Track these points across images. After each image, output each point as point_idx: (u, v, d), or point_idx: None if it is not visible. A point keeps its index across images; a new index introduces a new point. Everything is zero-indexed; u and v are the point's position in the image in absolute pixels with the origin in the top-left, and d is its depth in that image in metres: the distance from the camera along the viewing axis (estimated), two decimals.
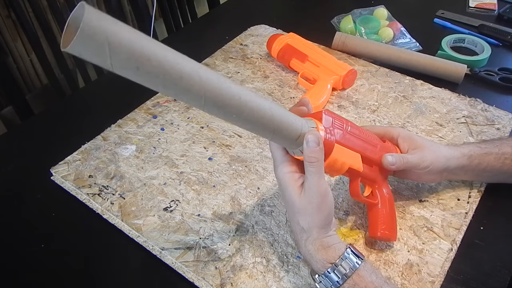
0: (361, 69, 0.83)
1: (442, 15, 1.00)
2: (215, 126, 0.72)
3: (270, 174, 0.64)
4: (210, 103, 0.37)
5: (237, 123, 0.41)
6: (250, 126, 0.41)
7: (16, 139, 0.75)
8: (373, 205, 0.54)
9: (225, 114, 0.39)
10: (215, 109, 0.38)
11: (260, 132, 0.42)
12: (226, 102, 0.38)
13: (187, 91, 0.35)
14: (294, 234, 0.48)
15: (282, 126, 0.42)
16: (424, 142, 0.55)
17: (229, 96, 0.38)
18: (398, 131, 0.56)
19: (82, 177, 0.64)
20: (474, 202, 0.59)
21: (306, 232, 0.46)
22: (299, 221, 0.46)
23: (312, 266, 0.47)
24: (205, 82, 0.36)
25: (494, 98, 0.77)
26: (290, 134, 0.43)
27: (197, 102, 0.37)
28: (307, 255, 0.47)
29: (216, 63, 0.86)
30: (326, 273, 0.45)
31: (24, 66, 1.32)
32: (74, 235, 0.58)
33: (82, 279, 0.54)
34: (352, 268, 0.44)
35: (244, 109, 0.39)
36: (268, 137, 0.43)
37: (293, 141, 0.44)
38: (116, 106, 0.77)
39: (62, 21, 1.08)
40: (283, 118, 0.43)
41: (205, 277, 0.51)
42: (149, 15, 1.20)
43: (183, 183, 0.63)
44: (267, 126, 0.41)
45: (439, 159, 0.54)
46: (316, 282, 0.46)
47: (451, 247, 0.54)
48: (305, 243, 0.46)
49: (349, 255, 0.45)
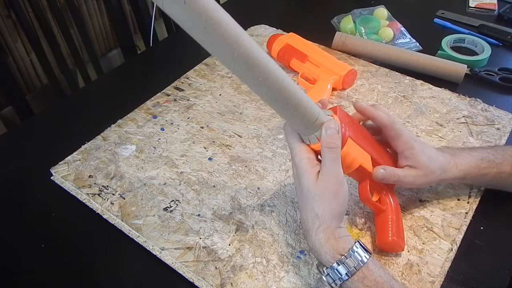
0: (361, 69, 0.83)
1: (442, 15, 1.00)
2: (215, 126, 0.72)
3: (270, 174, 0.64)
4: (242, 59, 0.38)
5: (261, 90, 0.41)
6: (273, 95, 0.42)
7: (16, 139, 0.75)
8: (382, 211, 0.54)
9: (253, 76, 0.40)
10: (245, 68, 0.39)
11: (281, 104, 0.43)
12: (255, 61, 0.39)
13: (223, 37, 0.36)
14: (305, 222, 0.48)
15: (302, 104, 0.43)
16: (420, 156, 0.52)
17: (259, 57, 0.39)
18: (401, 133, 0.52)
19: (82, 177, 0.64)
20: (474, 202, 0.59)
21: (319, 219, 0.46)
22: (313, 207, 0.46)
23: (321, 257, 0.46)
24: (240, 36, 0.37)
25: (494, 98, 0.77)
26: (309, 114, 0.44)
27: (229, 55, 0.38)
28: (317, 244, 0.46)
29: (216, 63, 0.86)
30: (334, 265, 0.44)
31: (24, 66, 1.32)
32: (74, 235, 0.58)
33: (82, 279, 0.54)
34: (361, 262, 0.44)
35: (271, 75, 0.40)
36: (287, 113, 0.44)
37: (310, 124, 0.45)
38: (116, 106, 0.77)
39: (62, 21, 1.08)
40: (303, 97, 0.44)
41: (205, 277, 0.51)
42: (149, 15, 1.20)
43: (183, 183, 0.63)
44: (289, 100, 0.42)
45: (434, 173, 0.52)
46: (323, 275, 0.46)
47: (451, 247, 0.54)
48: (316, 231, 0.46)
49: (358, 249, 0.45)
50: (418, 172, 0.52)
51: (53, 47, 1.08)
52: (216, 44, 0.37)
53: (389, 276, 0.45)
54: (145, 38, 1.22)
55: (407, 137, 0.52)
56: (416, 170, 0.52)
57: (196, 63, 0.86)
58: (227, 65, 0.39)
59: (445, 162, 0.53)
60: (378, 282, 0.44)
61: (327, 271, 0.45)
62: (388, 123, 0.52)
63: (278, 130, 0.71)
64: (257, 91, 0.42)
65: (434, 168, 0.52)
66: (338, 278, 0.44)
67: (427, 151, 0.53)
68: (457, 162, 0.54)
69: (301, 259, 0.53)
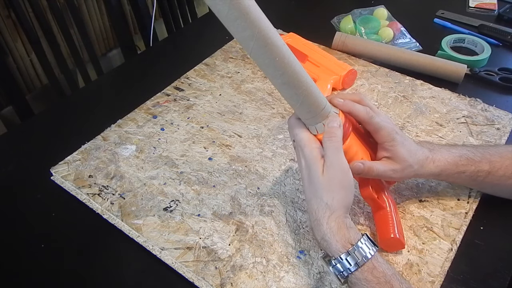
0: (361, 69, 0.83)
1: (442, 15, 1.00)
2: (215, 126, 0.72)
3: (270, 174, 0.64)
4: (261, 37, 0.41)
5: (276, 72, 0.43)
6: (287, 79, 0.44)
7: (16, 139, 0.75)
8: (381, 208, 0.54)
9: (270, 56, 0.42)
10: (263, 46, 0.41)
11: (293, 89, 0.45)
12: (274, 40, 0.41)
13: (247, 13, 0.39)
14: (314, 213, 0.47)
15: (313, 90, 0.45)
16: (400, 149, 0.51)
17: (277, 37, 0.42)
18: (380, 127, 0.51)
19: (82, 177, 0.64)
20: (474, 202, 0.59)
21: (330, 208, 0.46)
22: (323, 197, 0.47)
23: (331, 247, 0.46)
24: (261, 15, 0.41)
25: (494, 98, 0.77)
26: (318, 101, 0.46)
27: (250, 31, 0.40)
28: (329, 233, 0.46)
29: (216, 63, 0.86)
30: (343, 256, 0.44)
31: (24, 66, 1.32)
32: (74, 235, 0.58)
33: (82, 279, 0.54)
34: (370, 253, 0.44)
35: (287, 57, 0.43)
36: (298, 99, 0.45)
37: (318, 111, 0.47)
38: (116, 106, 0.77)
39: (62, 21, 1.08)
40: (313, 84, 0.46)
41: (205, 277, 0.51)
42: (149, 15, 1.20)
43: (183, 183, 0.63)
44: (301, 84, 0.44)
45: (411, 167, 0.52)
46: (330, 266, 0.45)
47: (451, 247, 0.54)
48: (328, 220, 0.46)
49: (366, 241, 0.45)
50: (396, 166, 0.52)
51: (53, 47, 1.08)
52: (239, 19, 0.39)
53: (395, 270, 0.45)
54: (145, 38, 1.22)
55: (388, 130, 0.51)
56: (394, 163, 0.52)
57: (196, 63, 0.86)
58: (246, 44, 0.41)
59: (423, 157, 0.53)
60: (386, 274, 0.44)
61: (335, 261, 0.45)
62: (365, 118, 0.51)
63: (278, 130, 0.71)
64: (271, 73, 0.44)
65: (412, 162, 0.52)
66: (347, 269, 0.44)
67: (407, 144, 0.52)
68: (435, 158, 0.53)
69: (301, 259, 0.53)
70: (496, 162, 0.54)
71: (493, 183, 0.55)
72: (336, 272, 0.45)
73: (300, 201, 0.60)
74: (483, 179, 0.55)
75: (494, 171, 0.54)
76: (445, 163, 0.54)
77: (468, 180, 0.55)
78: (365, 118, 0.51)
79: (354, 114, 0.51)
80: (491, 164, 0.54)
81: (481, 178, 0.54)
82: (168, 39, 1.09)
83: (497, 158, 0.55)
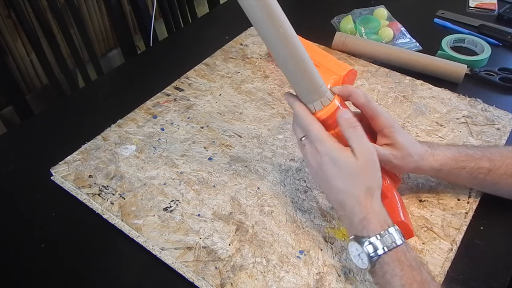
0: (361, 69, 0.83)
1: (442, 15, 1.01)
2: (215, 126, 0.72)
3: (270, 174, 0.64)
4: (267, 6, 0.44)
5: (279, 44, 0.46)
6: (289, 52, 0.47)
7: (16, 139, 0.75)
8: (386, 197, 0.53)
9: (274, 26, 0.45)
10: (269, 16, 0.44)
11: (294, 63, 0.48)
12: (279, 13, 0.45)
13: None
14: (352, 199, 0.47)
15: (311, 67, 0.48)
16: (399, 136, 0.52)
17: (281, 12, 0.45)
18: (378, 113, 0.52)
19: (82, 177, 0.64)
20: (474, 202, 0.59)
21: (371, 190, 0.47)
22: (364, 181, 0.48)
23: (370, 226, 0.46)
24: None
25: (494, 98, 0.77)
26: (316, 78, 0.49)
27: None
28: (371, 213, 0.46)
29: (216, 63, 0.86)
30: (385, 232, 0.45)
31: (24, 66, 1.32)
32: (74, 235, 0.58)
33: (82, 279, 0.54)
34: (402, 237, 0.46)
35: (289, 29, 0.46)
36: (298, 74, 0.48)
37: (317, 88, 0.49)
38: (116, 106, 0.77)
39: (62, 21, 1.08)
40: (310, 60, 0.49)
41: (205, 277, 0.51)
42: (149, 15, 1.20)
43: (183, 183, 0.63)
44: (301, 58, 0.47)
45: (411, 156, 0.52)
46: (365, 245, 0.45)
47: (451, 247, 0.54)
48: (371, 201, 0.47)
49: (395, 226, 0.46)
50: (396, 151, 0.52)
51: (53, 47, 1.08)
52: None
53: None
54: (145, 38, 1.22)
55: (386, 117, 0.52)
56: (394, 149, 0.52)
57: (196, 63, 0.86)
58: (251, 11, 0.44)
59: (423, 150, 0.53)
60: (416, 260, 0.45)
61: (377, 236, 0.45)
62: (364, 102, 0.52)
63: (278, 130, 0.71)
64: (275, 45, 0.47)
65: (411, 152, 0.52)
66: (386, 245, 0.44)
67: (406, 135, 0.53)
68: (434, 152, 0.54)
69: (301, 259, 0.53)
70: (496, 160, 0.54)
71: (494, 182, 0.55)
72: (372, 250, 0.45)
73: (300, 201, 0.60)
74: (484, 177, 0.54)
75: (495, 169, 0.54)
76: (445, 157, 0.54)
77: (469, 177, 0.55)
78: (364, 101, 0.52)
79: (354, 97, 0.52)
80: (491, 162, 0.54)
81: (482, 175, 0.54)
82: (168, 39, 1.09)
83: (498, 157, 0.55)
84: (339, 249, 0.54)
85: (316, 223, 0.57)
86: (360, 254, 0.46)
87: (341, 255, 0.53)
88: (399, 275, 0.44)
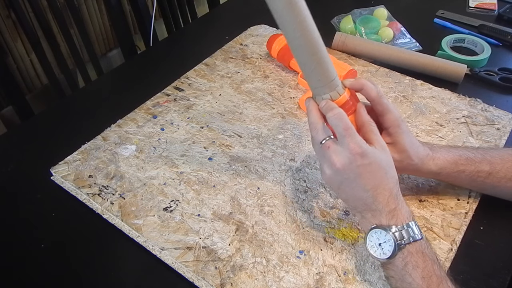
0: (361, 69, 0.83)
1: (442, 15, 1.01)
2: (215, 126, 0.72)
3: (270, 174, 0.64)
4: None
5: (296, 33, 0.46)
6: (304, 41, 0.46)
7: (16, 139, 0.75)
8: None
9: (293, 14, 0.45)
10: (288, 4, 0.44)
11: (308, 53, 0.47)
12: (298, 3, 0.44)
13: None
14: (388, 191, 0.47)
15: (326, 59, 0.48)
16: (405, 137, 0.52)
17: (302, 1, 0.45)
18: (389, 110, 0.52)
19: (82, 177, 0.64)
20: (474, 202, 0.59)
21: (397, 182, 0.49)
22: (394, 174, 0.48)
23: (400, 215, 0.47)
24: None
25: (494, 98, 0.77)
26: (329, 70, 0.48)
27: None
28: (401, 203, 0.48)
29: (216, 63, 0.86)
30: (412, 223, 0.46)
31: (24, 66, 1.32)
32: (74, 235, 0.58)
33: (82, 279, 0.54)
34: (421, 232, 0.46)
35: (307, 19, 0.45)
36: (311, 65, 0.48)
37: (328, 81, 0.49)
38: (116, 106, 0.77)
39: (62, 21, 1.08)
40: (328, 55, 0.48)
41: (205, 277, 0.51)
42: (149, 15, 1.20)
43: (183, 183, 0.63)
44: (317, 51, 0.47)
45: (411, 159, 0.53)
46: (395, 232, 0.46)
47: (451, 247, 0.54)
48: (398, 191, 0.48)
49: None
50: (395, 154, 0.52)
51: (53, 47, 1.08)
52: None
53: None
54: (145, 38, 1.22)
55: (395, 115, 0.52)
56: (393, 151, 0.52)
57: (196, 63, 0.86)
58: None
59: (424, 154, 0.53)
60: (436, 255, 0.46)
61: (406, 225, 0.46)
62: (375, 97, 0.52)
63: (278, 130, 0.71)
64: (291, 33, 0.46)
65: (412, 155, 0.52)
66: (412, 235, 0.45)
67: (411, 136, 0.53)
68: (435, 156, 0.54)
69: (301, 259, 0.53)
70: (497, 163, 0.54)
71: (493, 185, 0.55)
72: (399, 238, 0.45)
73: (300, 201, 0.60)
74: (484, 180, 0.54)
75: (494, 172, 0.54)
76: (444, 161, 0.54)
77: (468, 180, 0.55)
78: (376, 96, 0.52)
79: (366, 91, 0.52)
80: (491, 165, 0.54)
81: (482, 178, 0.54)
82: (168, 39, 1.09)
83: (498, 160, 0.55)
84: (339, 249, 0.54)
85: (316, 223, 0.57)
86: (382, 243, 0.46)
87: (341, 255, 0.53)
88: (421, 267, 0.44)
